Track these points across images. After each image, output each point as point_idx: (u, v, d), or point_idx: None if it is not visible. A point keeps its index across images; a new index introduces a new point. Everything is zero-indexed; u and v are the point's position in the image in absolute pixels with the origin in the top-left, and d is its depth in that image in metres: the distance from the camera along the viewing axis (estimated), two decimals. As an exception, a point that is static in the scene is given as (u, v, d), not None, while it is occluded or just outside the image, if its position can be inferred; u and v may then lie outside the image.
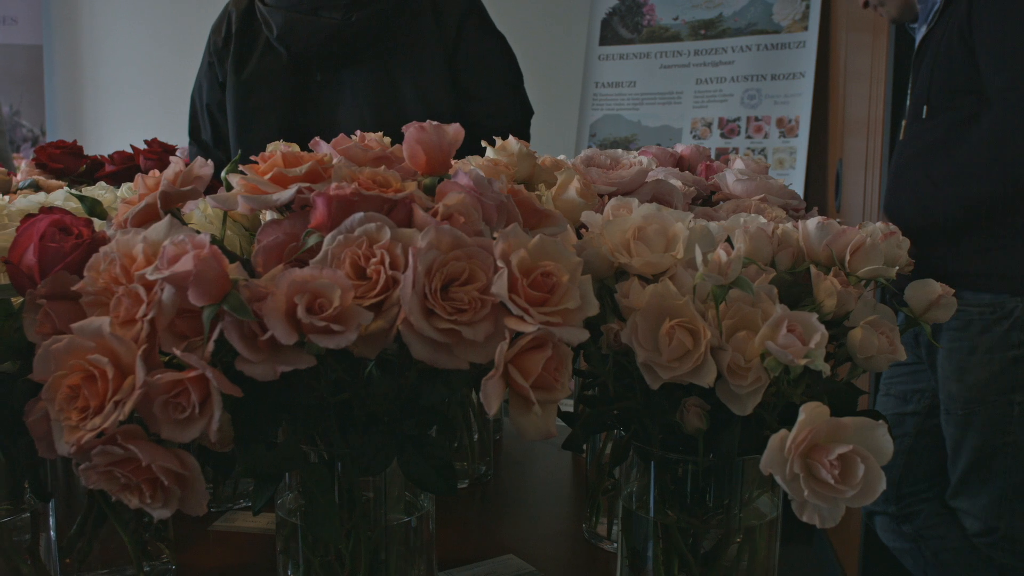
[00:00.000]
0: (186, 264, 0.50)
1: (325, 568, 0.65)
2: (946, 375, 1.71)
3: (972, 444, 1.70)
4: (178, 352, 0.51)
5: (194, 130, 1.83)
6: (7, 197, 0.91)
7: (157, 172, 0.65)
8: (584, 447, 1.00)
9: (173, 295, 0.52)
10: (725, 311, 0.61)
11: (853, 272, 0.69)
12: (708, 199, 1.06)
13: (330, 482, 0.62)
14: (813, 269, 0.68)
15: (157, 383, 0.51)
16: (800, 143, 2.96)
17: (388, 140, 0.71)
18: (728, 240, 0.69)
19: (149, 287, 0.53)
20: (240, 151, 0.71)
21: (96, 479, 0.52)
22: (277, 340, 0.50)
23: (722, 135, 3.10)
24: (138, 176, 0.66)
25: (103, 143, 3.81)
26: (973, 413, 1.68)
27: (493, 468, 1.15)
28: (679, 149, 1.19)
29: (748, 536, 0.68)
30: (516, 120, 1.78)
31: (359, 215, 0.55)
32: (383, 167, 0.62)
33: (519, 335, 0.53)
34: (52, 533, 0.75)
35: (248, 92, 1.71)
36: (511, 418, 0.54)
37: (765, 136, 3.03)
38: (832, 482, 0.55)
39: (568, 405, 0.92)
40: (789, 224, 0.75)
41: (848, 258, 0.69)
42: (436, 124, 0.66)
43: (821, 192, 2.97)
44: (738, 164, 1.07)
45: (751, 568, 0.68)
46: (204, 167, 0.66)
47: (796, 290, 0.70)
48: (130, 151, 1.39)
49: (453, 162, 0.70)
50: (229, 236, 0.72)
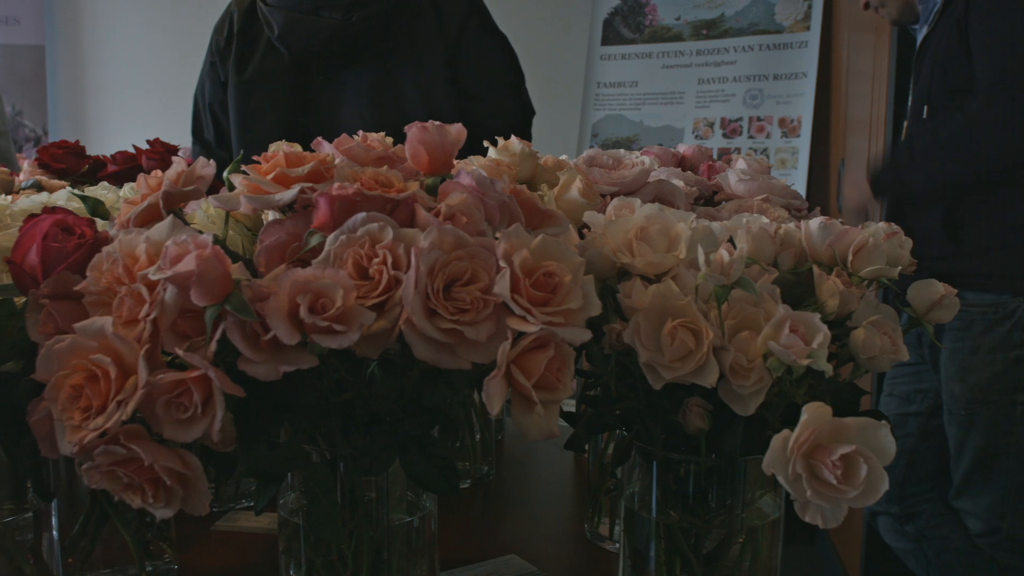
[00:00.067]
0: (188, 264, 0.50)
1: (327, 568, 0.65)
2: (949, 375, 1.71)
3: (975, 444, 1.70)
4: (180, 352, 0.51)
5: (197, 129, 1.83)
6: (10, 197, 0.91)
7: (159, 172, 0.65)
8: (586, 447, 1.00)
9: (176, 295, 0.52)
10: (727, 311, 0.61)
11: (856, 272, 0.69)
12: (710, 199, 1.06)
13: (332, 482, 0.62)
14: (816, 269, 0.68)
15: (159, 383, 0.51)
16: (802, 143, 2.95)
17: (390, 140, 0.71)
18: (730, 240, 0.69)
19: (152, 287, 0.53)
20: (242, 151, 0.71)
21: (99, 479, 0.52)
22: (279, 340, 0.50)
23: (724, 135, 3.10)
24: (140, 176, 0.66)
25: (105, 143, 3.81)
26: (976, 413, 1.68)
27: (495, 468, 1.15)
28: (681, 149, 1.19)
29: (750, 536, 0.68)
30: (518, 120, 1.78)
31: (361, 215, 0.55)
32: (385, 167, 0.62)
33: (521, 335, 0.53)
34: (55, 533, 0.75)
35: (250, 92, 1.72)
36: (513, 418, 0.54)
37: (767, 136, 3.02)
38: (835, 482, 0.55)
39: (570, 405, 0.92)
40: (791, 224, 0.75)
41: (851, 258, 0.69)
42: (439, 124, 0.66)
43: (823, 192, 2.97)
44: (740, 164, 1.07)
45: (753, 568, 0.68)
46: (206, 167, 0.66)
47: (799, 290, 0.70)
48: (132, 151, 1.39)
49: (455, 162, 0.70)
50: (231, 236, 0.72)
